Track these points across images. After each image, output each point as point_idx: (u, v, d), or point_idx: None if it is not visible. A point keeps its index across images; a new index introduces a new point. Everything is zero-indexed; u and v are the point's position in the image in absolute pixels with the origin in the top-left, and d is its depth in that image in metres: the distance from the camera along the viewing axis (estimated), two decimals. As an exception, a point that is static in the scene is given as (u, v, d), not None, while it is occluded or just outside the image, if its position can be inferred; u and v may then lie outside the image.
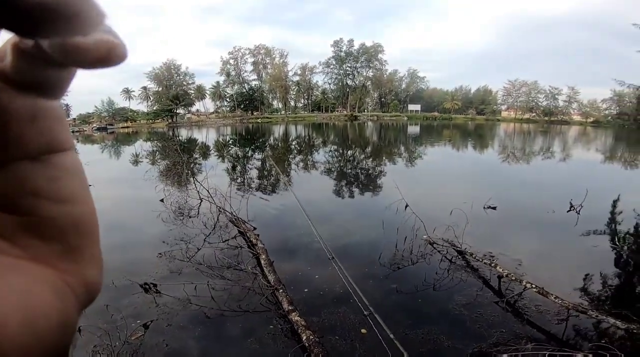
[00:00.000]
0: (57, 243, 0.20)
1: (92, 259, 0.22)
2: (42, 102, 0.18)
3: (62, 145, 0.20)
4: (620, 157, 19.63)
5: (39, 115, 0.18)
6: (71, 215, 0.20)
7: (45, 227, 0.19)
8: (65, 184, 0.20)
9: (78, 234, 0.21)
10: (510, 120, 76.22)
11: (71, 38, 0.16)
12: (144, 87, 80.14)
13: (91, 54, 0.17)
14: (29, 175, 0.18)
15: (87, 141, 39.28)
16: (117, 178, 12.16)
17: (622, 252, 5.22)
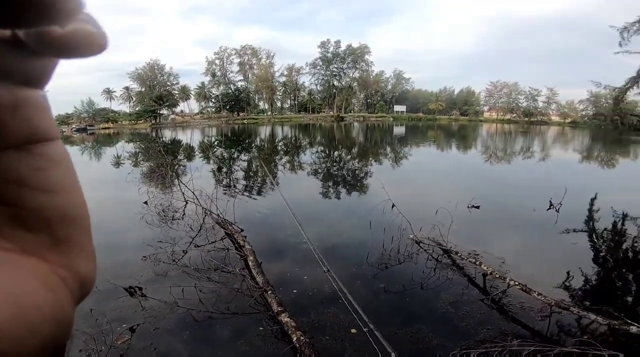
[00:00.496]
0: (45, 235, 0.19)
1: (82, 251, 0.21)
2: (23, 91, 0.18)
3: (47, 135, 0.19)
4: (597, 156, 20.38)
5: (21, 104, 0.18)
6: (58, 205, 0.19)
7: (32, 218, 0.19)
8: (50, 174, 0.19)
9: (66, 224, 0.20)
10: (492, 121, 78.16)
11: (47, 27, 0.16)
12: (126, 88, 78.36)
13: (68, 43, 0.16)
14: (12, 164, 0.18)
15: (66, 142, 38.03)
16: (99, 180, 11.83)
17: (601, 250, 5.42)
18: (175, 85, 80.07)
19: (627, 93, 13.91)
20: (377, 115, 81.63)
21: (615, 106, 17.67)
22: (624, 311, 3.35)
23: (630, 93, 13.89)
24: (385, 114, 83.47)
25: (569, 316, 3.37)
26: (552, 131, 49.84)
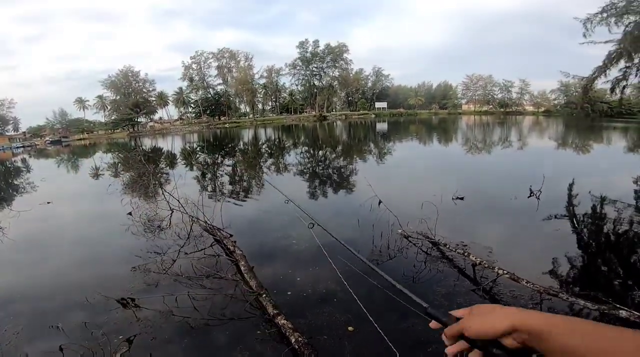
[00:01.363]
0: None
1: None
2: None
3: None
4: (571, 143, 21.16)
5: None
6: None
7: None
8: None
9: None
10: (470, 113, 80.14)
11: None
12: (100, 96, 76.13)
13: None
14: None
15: (40, 156, 36.68)
16: (79, 193, 11.49)
17: (583, 234, 5.56)
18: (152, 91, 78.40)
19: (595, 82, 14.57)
20: (359, 112, 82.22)
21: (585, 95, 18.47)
22: (611, 295, 3.45)
23: (598, 82, 14.56)
24: (367, 111, 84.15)
25: (559, 302, 3.43)
26: (527, 121, 51.45)
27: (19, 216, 7.82)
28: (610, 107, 47.34)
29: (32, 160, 31.56)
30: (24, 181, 16.41)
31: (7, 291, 4.37)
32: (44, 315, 3.70)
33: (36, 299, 4.08)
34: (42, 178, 15.56)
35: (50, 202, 9.53)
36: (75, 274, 4.76)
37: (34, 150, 50.24)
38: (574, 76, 15.91)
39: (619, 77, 13.94)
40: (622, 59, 13.13)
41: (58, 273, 4.90)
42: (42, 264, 5.32)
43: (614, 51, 13.11)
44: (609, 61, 13.39)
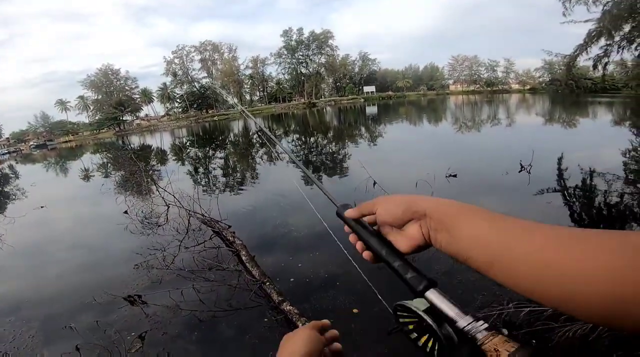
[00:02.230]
0: None
1: None
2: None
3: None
4: (558, 118, 21.39)
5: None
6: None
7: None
8: None
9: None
10: (458, 93, 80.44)
11: None
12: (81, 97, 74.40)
13: None
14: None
15: (27, 161, 35.93)
16: (71, 196, 11.34)
17: (575, 207, 5.65)
18: (135, 89, 76.87)
19: (577, 60, 14.79)
20: (348, 98, 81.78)
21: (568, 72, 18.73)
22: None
23: (580, 59, 14.77)
24: (356, 95, 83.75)
25: None
26: (514, 99, 51.70)
27: (14, 222, 7.73)
28: (594, 84, 48.11)
29: (19, 166, 30.93)
30: (14, 188, 16.11)
31: (15, 297, 4.39)
32: (55, 317, 3.72)
33: (45, 303, 4.09)
34: (31, 183, 15.28)
35: (44, 207, 9.41)
36: (80, 276, 4.76)
37: (20, 155, 49.17)
38: (557, 54, 16.15)
39: (600, 54, 14.18)
40: (602, 37, 13.33)
41: (62, 276, 4.89)
42: (45, 269, 5.31)
43: (594, 29, 13.31)
44: (590, 39, 13.60)
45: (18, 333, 3.49)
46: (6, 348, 3.28)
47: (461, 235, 0.43)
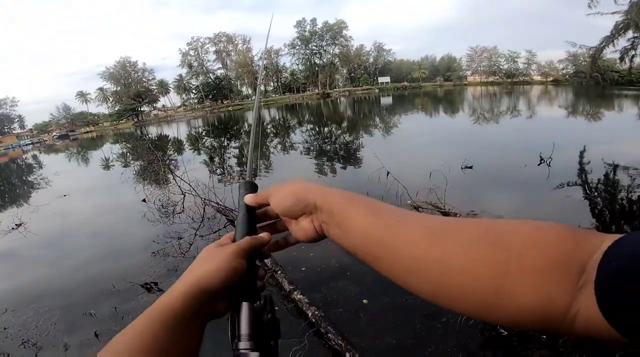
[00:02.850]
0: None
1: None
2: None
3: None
4: (582, 111, 20.55)
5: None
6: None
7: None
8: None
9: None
10: (476, 84, 78.35)
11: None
12: (101, 89, 76.10)
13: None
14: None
15: (50, 151, 37.22)
16: (93, 185, 11.70)
17: (596, 202, 5.44)
18: (152, 80, 78.07)
19: (603, 51, 14.22)
20: (363, 88, 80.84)
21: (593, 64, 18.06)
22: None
23: (606, 52, 14.21)
24: (371, 86, 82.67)
25: None
26: (535, 90, 49.95)
27: (38, 210, 8.05)
28: (620, 76, 46.11)
29: (42, 156, 32.07)
30: (38, 177, 16.75)
31: (39, 284, 4.53)
32: (76, 305, 3.84)
33: (67, 291, 4.22)
34: (55, 172, 15.86)
35: (67, 195, 9.75)
36: (100, 264, 4.90)
37: (43, 146, 50.96)
38: (581, 46, 15.71)
39: (627, 47, 13.64)
40: (629, 29, 12.79)
41: (83, 264, 5.05)
42: (67, 256, 5.49)
43: (621, 22, 12.80)
44: (617, 31, 13.13)
45: (40, 320, 3.62)
46: (29, 335, 3.41)
47: (349, 228, 0.42)
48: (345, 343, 2.59)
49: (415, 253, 0.36)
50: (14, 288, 4.55)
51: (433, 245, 0.35)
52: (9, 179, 18.90)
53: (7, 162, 32.34)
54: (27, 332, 3.47)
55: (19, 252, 5.94)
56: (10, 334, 3.48)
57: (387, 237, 0.39)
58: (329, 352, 2.67)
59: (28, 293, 4.32)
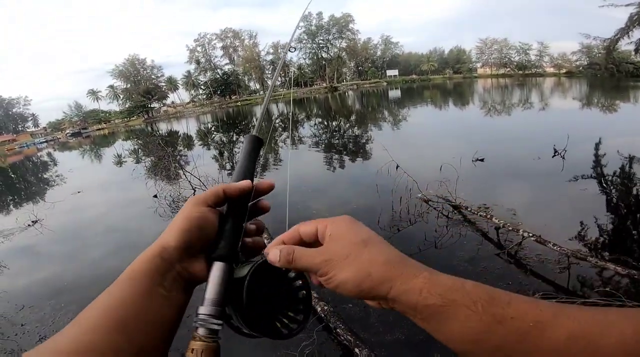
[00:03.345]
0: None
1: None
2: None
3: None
4: (597, 103, 19.99)
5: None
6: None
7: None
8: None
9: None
10: (486, 76, 76.97)
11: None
12: (111, 86, 77.00)
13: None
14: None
15: (64, 148, 37.94)
16: (106, 181, 11.92)
17: (612, 195, 5.31)
18: (161, 77, 78.63)
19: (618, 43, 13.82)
20: (371, 81, 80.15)
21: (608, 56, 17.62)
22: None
23: (621, 43, 13.80)
24: (379, 79, 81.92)
25: (588, 267, 3.27)
26: (548, 82, 48.76)
27: (53, 207, 8.23)
28: (636, 68, 45.06)
29: (56, 154, 32.73)
30: (53, 174, 17.12)
31: (56, 280, 4.63)
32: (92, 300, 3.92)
33: (82, 286, 4.31)
34: (69, 169, 16.19)
35: (81, 192, 9.94)
36: (114, 260, 4.98)
37: (57, 143, 51.94)
38: (595, 37, 15.35)
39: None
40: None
41: (98, 259, 5.15)
42: (82, 252, 5.60)
43: (635, 13, 12.37)
44: (632, 23, 12.72)
45: (57, 316, 3.71)
46: (46, 331, 3.49)
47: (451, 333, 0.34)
48: (355, 338, 2.59)
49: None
50: (31, 284, 4.66)
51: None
52: (24, 177, 19.37)
53: (22, 160, 33.13)
54: (44, 328, 3.55)
55: (36, 249, 6.08)
56: (27, 330, 3.56)
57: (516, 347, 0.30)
58: (338, 347, 2.67)
59: (45, 289, 4.42)
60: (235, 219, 0.45)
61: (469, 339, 0.32)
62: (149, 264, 0.40)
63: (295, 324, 0.43)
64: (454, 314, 0.33)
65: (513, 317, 0.31)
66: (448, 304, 0.33)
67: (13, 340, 3.42)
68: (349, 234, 0.41)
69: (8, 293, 4.39)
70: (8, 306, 4.09)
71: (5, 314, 3.92)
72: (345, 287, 0.37)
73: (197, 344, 0.38)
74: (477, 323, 0.32)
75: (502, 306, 0.32)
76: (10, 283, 4.78)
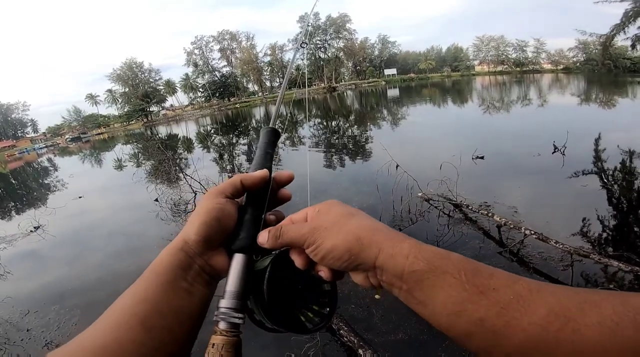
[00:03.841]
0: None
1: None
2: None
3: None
4: (595, 98, 19.99)
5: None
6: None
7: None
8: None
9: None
10: (484, 74, 77.18)
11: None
12: (109, 90, 77.06)
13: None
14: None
15: (64, 153, 37.94)
16: (106, 186, 11.91)
17: (613, 191, 5.29)
18: (159, 80, 78.66)
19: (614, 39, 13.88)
20: (369, 81, 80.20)
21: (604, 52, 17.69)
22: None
23: (617, 39, 13.86)
24: (377, 79, 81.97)
25: (591, 264, 3.26)
26: (546, 78, 48.83)
27: (55, 212, 8.23)
28: (633, 63, 45.28)
29: (57, 159, 32.73)
30: (54, 179, 17.12)
31: (60, 285, 4.64)
32: (96, 305, 3.88)
33: (86, 291, 4.29)
34: (70, 175, 16.21)
35: (82, 197, 9.94)
36: (117, 264, 4.98)
37: (57, 148, 51.96)
38: (592, 34, 15.41)
39: (639, 34, 13.24)
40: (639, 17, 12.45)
41: (101, 264, 5.14)
42: (85, 257, 5.61)
43: (630, 9, 12.44)
44: (627, 19, 12.78)
45: (62, 321, 3.70)
46: (51, 336, 3.48)
47: (434, 303, 0.33)
48: (358, 339, 2.59)
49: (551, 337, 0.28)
50: (36, 289, 4.66)
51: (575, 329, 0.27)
52: (25, 183, 19.38)
53: (22, 166, 33.13)
54: (49, 333, 3.55)
55: (38, 254, 6.09)
56: (33, 335, 3.56)
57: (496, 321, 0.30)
58: (342, 348, 2.67)
59: (49, 294, 4.42)
60: (254, 209, 0.44)
61: (452, 309, 0.32)
62: (171, 258, 0.40)
63: (319, 318, 0.42)
64: (439, 281, 0.33)
65: (495, 289, 0.31)
66: (433, 270, 0.33)
67: (19, 345, 3.42)
68: (336, 208, 0.42)
69: (13, 298, 4.38)
70: (13, 311, 4.09)
71: (11, 319, 3.92)
72: (333, 255, 0.38)
73: (218, 339, 0.37)
74: (460, 292, 0.32)
75: (485, 277, 0.32)
76: (14, 288, 4.77)
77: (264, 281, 0.39)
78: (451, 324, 0.32)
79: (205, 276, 0.42)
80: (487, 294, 0.31)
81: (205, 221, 0.41)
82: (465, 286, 0.32)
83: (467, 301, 0.31)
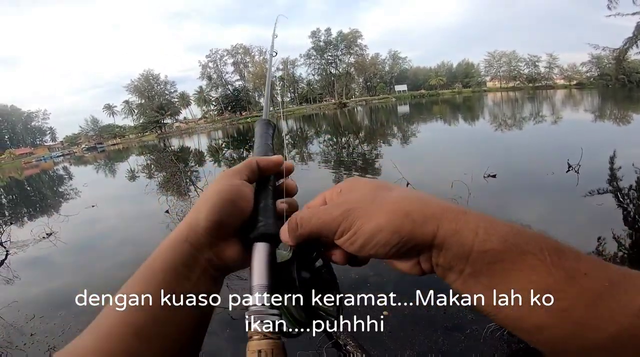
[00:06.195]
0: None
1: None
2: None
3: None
4: (609, 114, 19.73)
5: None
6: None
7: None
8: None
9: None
10: (496, 90, 76.90)
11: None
12: (126, 101, 79.29)
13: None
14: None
15: (79, 163, 38.91)
16: (119, 196, 12.12)
17: (629, 209, 5.16)
18: (174, 93, 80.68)
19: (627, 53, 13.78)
20: (379, 97, 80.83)
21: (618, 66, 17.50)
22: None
23: (631, 53, 13.75)
24: (387, 95, 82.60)
25: None
26: (559, 94, 48.50)
27: (68, 220, 8.38)
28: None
29: (72, 168, 33.57)
30: (68, 188, 17.53)
31: (67, 291, 4.66)
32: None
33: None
34: (84, 183, 16.57)
35: (95, 206, 10.12)
36: (126, 273, 4.98)
37: (73, 157, 53.37)
38: (604, 48, 15.23)
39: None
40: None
41: (111, 272, 5.16)
42: (95, 265, 5.65)
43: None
44: (639, 32, 12.65)
45: (67, 327, 3.72)
46: (55, 342, 3.49)
47: (507, 291, 0.27)
48: (365, 355, 2.54)
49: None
50: (42, 295, 4.71)
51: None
52: (40, 190, 19.87)
53: (38, 173, 34.05)
54: (53, 339, 3.57)
55: (48, 260, 6.19)
56: (37, 340, 3.58)
57: (584, 312, 0.25)
58: (349, 365, 2.63)
59: (56, 300, 4.46)
60: (273, 195, 0.40)
61: (531, 299, 0.26)
62: (173, 253, 0.35)
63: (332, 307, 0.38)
64: (518, 263, 0.26)
65: (587, 274, 0.25)
66: (510, 249, 0.27)
67: (22, 350, 3.43)
68: (363, 182, 0.35)
69: (19, 302, 4.41)
70: (18, 315, 4.11)
71: (15, 323, 3.94)
72: (378, 240, 0.29)
73: (263, 343, 0.30)
74: (545, 277, 0.25)
75: (572, 259, 0.26)
76: (21, 293, 4.82)
77: (293, 271, 0.34)
78: (522, 316, 0.26)
79: (213, 272, 0.36)
80: (577, 281, 0.25)
81: (218, 203, 0.35)
82: (551, 270, 0.26)
83: (553, 289, 0.25)
